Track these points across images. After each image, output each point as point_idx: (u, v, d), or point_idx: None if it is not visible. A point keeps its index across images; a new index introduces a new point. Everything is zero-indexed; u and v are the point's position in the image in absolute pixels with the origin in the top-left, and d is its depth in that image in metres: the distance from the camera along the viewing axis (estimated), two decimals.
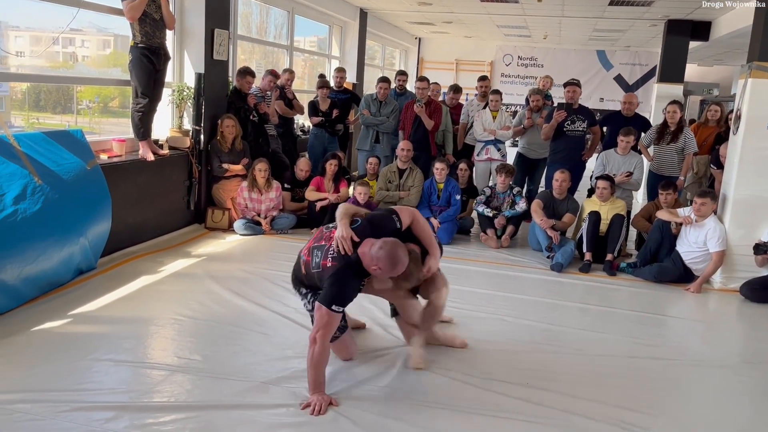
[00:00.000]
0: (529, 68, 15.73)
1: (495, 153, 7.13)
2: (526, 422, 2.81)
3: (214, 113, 6.15)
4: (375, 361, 3.35)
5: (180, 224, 5.93)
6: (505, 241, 6.18)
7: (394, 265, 2.81)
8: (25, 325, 3.50)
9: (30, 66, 5.29)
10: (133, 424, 2.57)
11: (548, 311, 4.43)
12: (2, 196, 3.64)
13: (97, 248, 4.51)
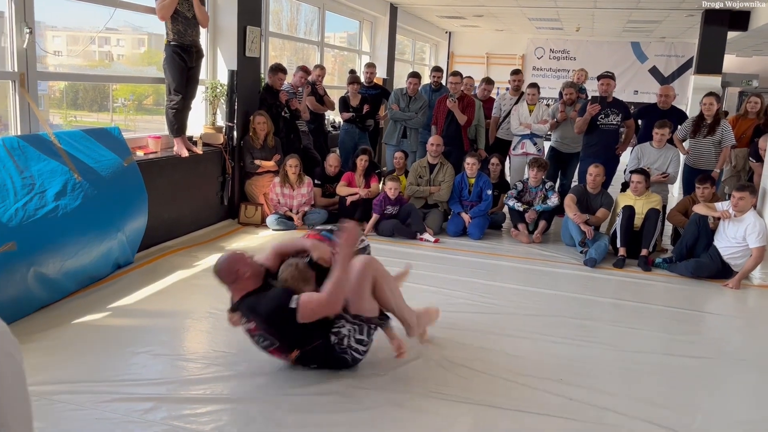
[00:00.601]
0: (561, 61, 15.51)
1: (531, 147, 7.06)
2: (559, 418, 2.79)
3: (246, 110, 6.21)
4: (408, 353, 3.35)
5: (214, 219, 6.02)
6: (537, 237, 6.13)
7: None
8: (67, 318, 3.60)
9: (67, 65, 5.41)
10: (171, 415, 2.62)
11: (581, 307, 4.38)
12: (44, 193, 3.74)
13: (134, 243, 4.60)
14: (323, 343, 2.94)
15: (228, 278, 2.95)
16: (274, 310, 2.83)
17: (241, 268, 2.93)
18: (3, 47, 4.07)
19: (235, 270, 2.92)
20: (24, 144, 3.84)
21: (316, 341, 2.93)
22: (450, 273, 4.95)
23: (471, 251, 5.71)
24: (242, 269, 2.93)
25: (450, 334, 3.69)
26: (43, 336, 3.35)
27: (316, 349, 2.95)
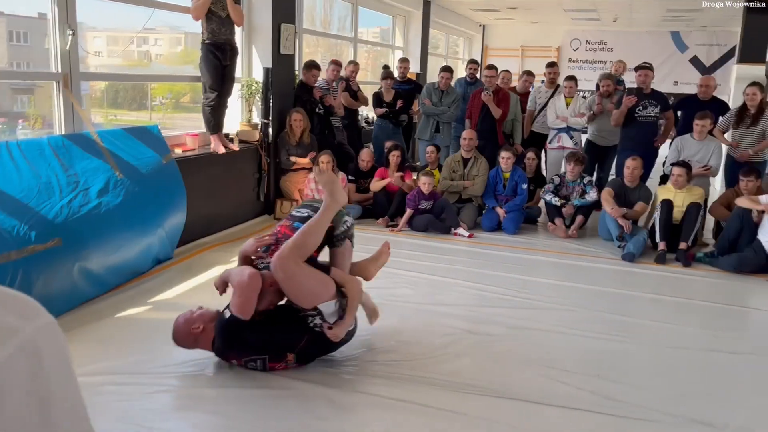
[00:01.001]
0: (598, 53, 15.26)
1: (567, 141, 6.97)
2: (598, 414, 2.76)
3: (281, 107, 6.28)
4: (438, 348, 3.36)
5: (250, 215, 6.11)
6: (573, 232, 6.04)
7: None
8: (111, 312, 3.71)
9: (107, 65, 5.55)
10: (209, 408, 2.68)
11: (620, 302, 4.32)
12: (87, 190, 3.84)
13: (173, 238, 4.70)
14: (311, 336, 2.93)
15: (191, 344, 2.96)
16: (225, 334, 2.88)
17: (192, 329, 2.91)
18: (47, 49, 4.20)
19: (188, 332, 2.92)
20: (68, 143, 3.96)
21: (303, 339, 2.92)
22: (484, 268, 4.93)
23: (506, 246, 5.68)
24: (194, 328, 2.91)
25: (485, 329, 3.68)
26: (88, 329, 3.45)
27: (310, 344, 2.94)
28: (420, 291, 4.31)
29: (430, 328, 3.63)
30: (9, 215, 3.34)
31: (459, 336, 3.56)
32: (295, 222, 3.10)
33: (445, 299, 4.18)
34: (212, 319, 2.95)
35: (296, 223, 3.08)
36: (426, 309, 3.95)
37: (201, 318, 2.94)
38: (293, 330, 2.93)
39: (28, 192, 3.52)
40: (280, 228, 3.13)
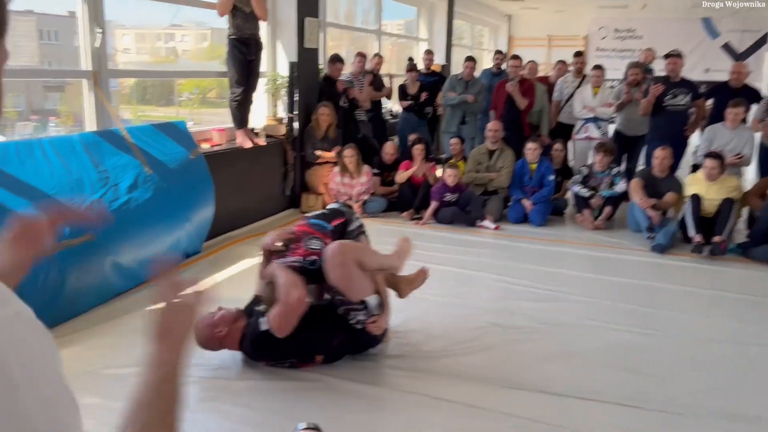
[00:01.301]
0: (627, 41, 14.98)
1: (595, 131, 6.88)
2: (626, 407, 2.74)
3: (307, 101, 6.30)
4: (464, 341, 3.36)
5: (277, 209, 6.16)
6: (599, 223, 5.97)
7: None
8: (141, 305, 3.76)
9: (136, 62, 5.63)
10: (236, 399, 2.72)
11: (649, 295, 4.26)
12: (117, 186, 3.91)
13: (201, 233, 4.76)
14: (346, 336, 2.96)
15: (216, 347, 2.93)
16: (257, 344, 2.87)
17: (215, 333, 2.88)
18: (77, 47, 4.27)
19: (212, 336, 2.88)
20: (98, 139, 4.03)
21: (335, 341, 2.94)
22: (511, 260, 4.90)
23: (533, 238, 5.63)
24: (217, 332, 2.88)
25: (511, 322, 3.66)
26: (121, 321, 3.52)
27: (341, 344, 2.97)
28: (445, 284, 4.31)
29: (456, 322, 3.63)
30: (41, 211, 3.41)
31: (485, 329, 3.55)
32: (310, 220, 3.18)
33: (470, 292, 4.16)
34: (235, 320, 2.92)
35: (312, 221, 3.16)
36: (451, 302, 3.94)
37: (223, 321, 2.89)
38: (326, 332, 2.94)
39: (60, 188, 3.60)
40: (297, 227, 3.16)
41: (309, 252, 3.01)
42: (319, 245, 3.02)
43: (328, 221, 3.19)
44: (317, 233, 3.09)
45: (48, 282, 3.27)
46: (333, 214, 3.27)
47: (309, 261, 2.98)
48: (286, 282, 2.83)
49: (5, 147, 3.53)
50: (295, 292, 2.80)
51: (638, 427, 2.60)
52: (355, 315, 2.96)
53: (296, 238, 3.07)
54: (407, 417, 2.63)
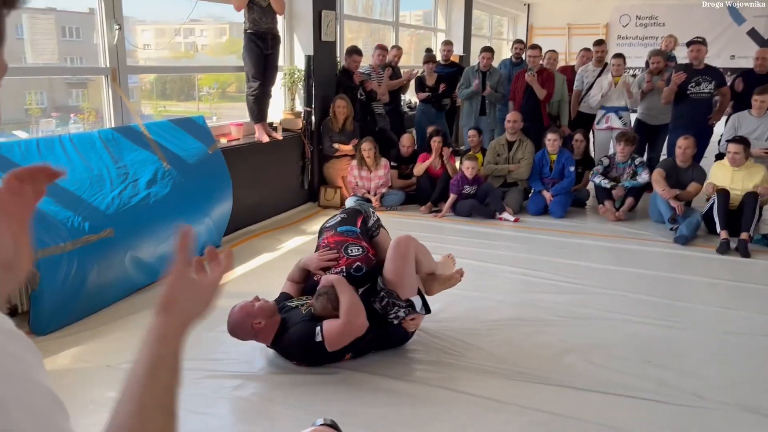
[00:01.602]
0: (649, 28, 14.72)
1: (616, 121, 6.77)
2: (646, 401, 2.70)
3: (324, 94, 6.29)
4: (484, 335, 3.33)
5: (295, 203, 6.17)
6: (620, 214, 5.88)
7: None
8: None
9: (156, 58, 5.66)
10: (258, 392, 2.73)
11: (672, 286, 4.20)
12: (137, 181, 3.95)
13: (220, 227, 4.79)
14: (377, 333, 2.96)
15: (248, 337, 2.89)
16: (306, 351, 2.83)
17: (254, 323, 2.83)
18: (95, 44, 4.30)
19: (250, 326, 2.83)
20: (118, 136, 4.07)
21: (365, 339, 2.93)
22: (531, 253, 4.86)
23: (553, 230, 5.58)
24: (255, 323, 2.83)
25: (531, 315, 3.63)
26: (142, 315, 3.55)
27: (369, 344, 2.97)
28: (465, 277, 4.27)
29: (476, 315, 3.61)
30: (63, 207, 3.45)
31: (504, 323, 3.52)
32: (338, 228, 3.18)
33: (490, 285, 4.14)
34: (272, 314, 2.88)
35: (339, 229, 3.17)
36: (471, 295, 3.91)
37: (262, 313, 2.84)
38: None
39: (80, 184, 3.64)
40: (329, 239, 3.15)
41: (352, 260, 3.03)
42: (359, 251, 3.08)
43: (353, 224, 3.20)
44: (351, 239, 3.13)
45: (70, 278, 3.31)
46: (353, 215, 3.27)
47: (354, 268, 3.02)
48: (352, 305, 2.80)
49: (27, 144, 3.57)
50: (360, 317, 2.80)
51: (660, 421, 2.56)
52: (397, 311, 2.96)
53: (335, 256, 3.07)
54: (427, 411, 2.62)
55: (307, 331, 2.81)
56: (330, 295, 2.86)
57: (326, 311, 2.83)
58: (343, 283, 2.90)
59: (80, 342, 3.19)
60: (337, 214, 3.34)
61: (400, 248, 3.02)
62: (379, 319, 2.96)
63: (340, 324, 2.77)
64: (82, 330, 3.32)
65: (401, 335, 3.08)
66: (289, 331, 2.87)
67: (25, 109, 4.95)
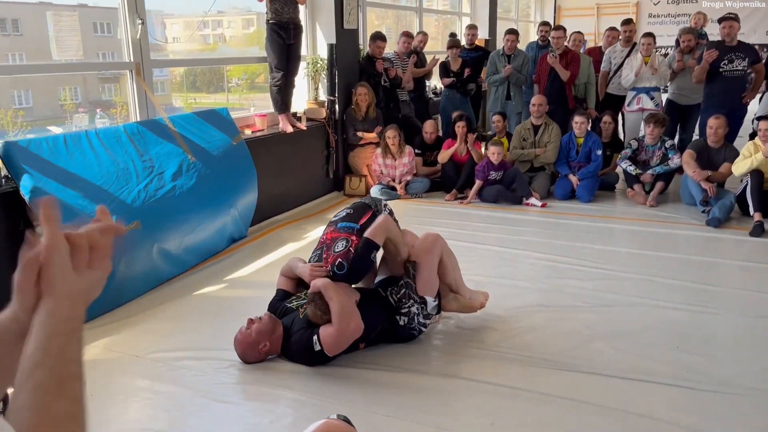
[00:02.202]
0: (681, 5, 14.30)
1: (648, 102, 6.60)
2: (677, 387, 2.64)
3: (347, 82, 6.28)
4: (510, 321, 3.31)
5: (320, 192, 6.19)
6: (651, 201, 5.71)
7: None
8: (188, 290, 3.86)
9: (185, 51, 5.72)
10: (284, 383, 2.75)
11: (704, 270, 4.10)
12: (162, 174, 4.00)
13: (246, 218, 4.83)
14: (388, 326, 2.97)
15: (259, 359, 2.86)
16: (310, 359, 2.80)
17: (259, 348, 2.82)
18: (119, 39, 4.35)
19: (257, 353, 2.83)
20: (143, 129, 4.12)
21: (377, 330, 2.93)
22: (558, 238, 4.79)
23: (580, 215, 5.49)
24: (261, 348, 2.82)
25: (558, 302, 3.59)
26: (168, 306, 3.61)
27: (382, 332, 2.97)
28: (490, 263, 4.25)
29: (501, 302, 3.57)
30: (91, 201, 3.51)
31: (531, 309, 3.49)
32: (339, 224, 3.09)
33: (516, 272, 4.10)
34: (273, 330, 2.85)
35: (340, 225, 3.08)
36: (496, 282, 3.88)
37: (262, 335, 2.82)
38: (373, 324, 2.91)
39: (107, 178, 3.70)
40: (327, 235, 3.08)
41: (334, 257, 2.92)
42: (343, 245, 2.95)
43: (355, 221, 3.10)
44: (343, 234, 3.02)
45: None
46: (361, 210, 3.18)
47: (336, 265, 2.90)
48: (341, 311, 2.75)
49: (55, 140, 3.64)
50: (352, 322, 2.76)
51: (690, 408, 2.51)
52: (410, 305, 2.97)
53: (326, 251, 2.99)
54: (451, 399, 2.61)
55: (306, 341, 2.78)
56: (317, 302, 2.78)
57: (318, 318, 2.78)
58: (330, 288, 2.79)
59: (110, 333, 3.25)
60: (347, 207, 3.27)
61: (427, 239, 3.10)
62: (391, 313, 2.96)
63: (334, 332, 2.73)
64: (112, 321, 3.39)
65: (409, 335, 3.06)
66: (291, 339, 2.85)
67: (59, 105, 5.05)
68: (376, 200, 3.31)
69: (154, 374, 2.81)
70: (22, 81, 4.60)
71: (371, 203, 3.25)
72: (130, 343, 3.14)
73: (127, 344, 3.12)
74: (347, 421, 1.91)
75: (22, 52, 4.55)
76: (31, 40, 4.70)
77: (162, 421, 2.48)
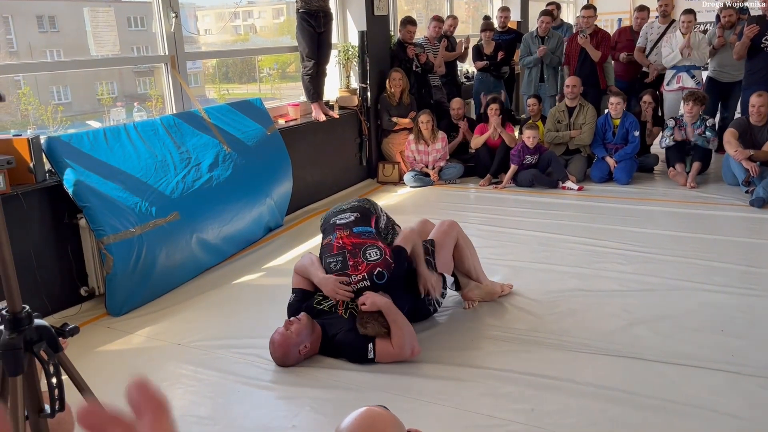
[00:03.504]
0: None
1: (688, 81, 6.41)
2: (720, 372, 2.59)
3: (379, 69, 6.26)
4: (548, 306, 3.28)
5: (354, 180, 6.21)
6: (691, 182, 5.58)
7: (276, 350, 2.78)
8: (227, 279, 3.93)
9: (217, 43, 5.77)
10: (322, 372, 2.78)
11: (747, 252, 4.00)
12: (199, 165, 4.06)
13: (282, 207, 4.88)
14: (413, 306, 2.99)
15: (299, 360, 2.80)
16: (357, 359, 2.77)
17: (300, 350, 2.76)
18: (154, 33, 4.41)
19: (297, 354, 2.76)
20: (179, 121, 4.18)
21: (405, 310, 2.91)
22: (596, 222, 4.73)
23: (618, 197, 5.40)
24: (301, 348, 2.76)
25: (597, 286, 3.54)
26: (208, 295, 3.68)
27: (408, 313, 2.95)
28: (527, 248, 4.22)
29: (539, 287, 3.55)
30: (131, 193, 3.59)
31: (569, 294, 3.45)
32: (354, 228, 2.95)
33: (554, 256, 4.05)
34: (312, 330, 2.80)
35: (355, 229, 2.94)
36: (533, 267, 3.85)
37: (302, 336, 2.76)
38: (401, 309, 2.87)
39: (146, 170, 3.77)
40: (344, 240, 2.91)
41: (372, 265, 2.81)
42: (377, 254, 2.84)
43: (368, 224, 3.02)
44: (369, 240, 2.90)
45: (140, 261, 3.46)
46: (366, 215, 3.08)
47: (376, 274, 2.81)
48: (406, 336, 2.73)
49: (96, 134, 3.72)
50: (415, 348, 2.75)
51: (733, 393, 2.46)
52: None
53: (351, 258, 2.84)
54: (490, 386, 2.60)
55: (360, 347, 2.75)
56: (381, 320, 2.73)
57: (380, 334, 2.75)
58: (392, 310, 2.75)
59: (152, 322, 3.33)
60: (346, 210, 3.09)
61: (444, 224, 3.25)
62: (413, 292, 3.00)
63: (394, 353, 2.73)
64: (154, 310, 3.47)
65: (425, 312, 3.12)
66: (335, 338, 2.80)
67: (97, 99, 5.14)
68: (372, 202, 3.25)
69: (197, 362, 2.87)
70: (60, 77, 4.69)
71: (371, 207, 3.17)
72: (172, 331, 3.21)
73: (170, 333, 3.19)
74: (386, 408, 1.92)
75: (59, 49, 4.63)
76: (68, 36, 4.79)
77: (205, 407, 2.53)
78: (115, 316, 3.41)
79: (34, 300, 3.24)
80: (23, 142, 3.30)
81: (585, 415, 2.35)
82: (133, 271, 3.43)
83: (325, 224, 3.10)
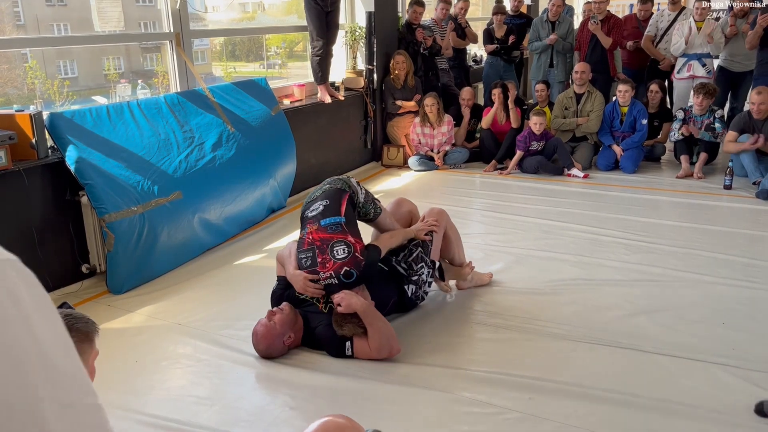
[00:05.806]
0: None
1: (699, 69, 6.32)
2: (721, 365, 2.58)
3: (386, 51, 6.20)
4: (549, 295, 3.27)
5: (358, 163, 6.18)
6: (697, 173, 5.53)
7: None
8: (228, 260, 3.92)
9: (225, 21, 5.72)
10: (320, 354, 2.78)
11: (751, 244, 3.97)
12: (202, 145, 4.04)
13: (285, 188, 4.86)
14: (397, 299, 2.99)
15: (284, 351, 2.74)
16: (335, 353, 2.72)
17: (284, 341, 2.70)
18: (159, 10, 4.37)
19: (281, 345, 2.71)
20: (183, 100, 4.15)
21: (390, 303, 2.93)
22: (601, 210, 4.70)
23: (624, 186, 5.36)
24: (285, 339, 2.70)
25: (598, 275, 3.53)
26: (210, 275, 3.68)
27: (393, 306, 2.98)
28: (530, 236, 4.20)
29: (541, 275, 3.53)
30: (134, 171, 3.58)
31: (570, 283, 3.44)
32: (321, 221, 2.77)
33: (557, 244, 4.03)
34: (295, 320, 2.75)
35: (323, 221, 2.76)
36: (536, 255, 3.84)
37: (286, 326, 2.70)
38: (385, 301, 2.90)
39: (149, 149, 3.76)
40: (313, 235, 2.75)
41: (339, 263, 2.67)
42: (345, 252, 2.68)
43: (336, 213, 2.80)
44: (337, 235, 2.72)
45: (142, 239, 3.45)
46: (336, 198, 2.84)
47: (343, 274, 2.66)
48: (383, 338, 2.66)
49: (99, 111, 3.70)
50: (393, 348, 2.68)
51: (734, 386, 2.45)
52: (422, 268, 3.01)
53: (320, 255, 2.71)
54: (489, 373, 2.60)
55: (338, 344, 2.70)
56: (356, 322, 2.66)
57: (357, 334, 2.69)
58: (369, 314, 2.66)
59: (153, 301, 3.34)
60: (318, 198, 2.87)
61: (434, 210, 3.20)
62: (400, 284, 2.98)
63: (371, 353, 2.67)
64: (155, 289, 3.47)
65: (412, 305, 3.10)
66: (315, 331, 2.76)
67: (104, 75, 5.12)
68: (344, 179, 2.97)
69: (197, 342, 2.88)
70: (67, 52, 4.67)
71: (343, 185, 2.91)
72: (173, 311, 3.21)
73: (170, 312, 3.20)
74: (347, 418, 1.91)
75: (66, 23, 4.60)
76: (75, 11, 4.75)
77: (204, 387, 2.54)
78: (116, 294, 3.41)
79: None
80: (25, 117, 3.28)
81: (583, 404, 2.35)
82: (135, 249, 3.43)
83: (302, 215, 2.94)
